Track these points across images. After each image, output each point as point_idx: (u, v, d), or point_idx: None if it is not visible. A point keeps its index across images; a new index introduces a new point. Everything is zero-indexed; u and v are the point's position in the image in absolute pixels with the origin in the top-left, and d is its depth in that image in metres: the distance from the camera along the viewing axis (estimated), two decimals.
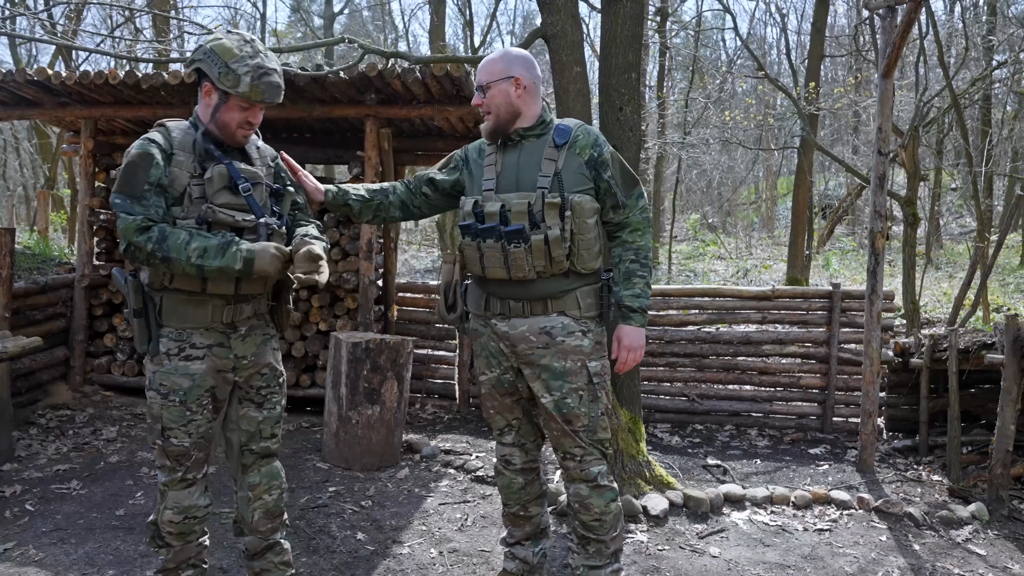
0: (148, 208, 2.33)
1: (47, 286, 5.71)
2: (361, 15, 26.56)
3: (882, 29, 4.43)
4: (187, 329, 2.48)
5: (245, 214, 2.48)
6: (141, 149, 2.37)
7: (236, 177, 2.46)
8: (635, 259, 2.67)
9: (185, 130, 2.47)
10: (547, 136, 2.65)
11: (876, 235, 4.54)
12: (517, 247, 2.52)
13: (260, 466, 2.69)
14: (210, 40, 2.42)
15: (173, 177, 2.39)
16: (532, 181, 2.58)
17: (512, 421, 2.86)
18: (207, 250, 2.32)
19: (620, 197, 2.63)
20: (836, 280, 5.92)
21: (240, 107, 2.43)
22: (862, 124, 18.23)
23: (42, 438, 4.91)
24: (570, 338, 2.62)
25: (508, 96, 2.60)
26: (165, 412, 2.49)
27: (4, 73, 5.36)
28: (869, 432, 4.66)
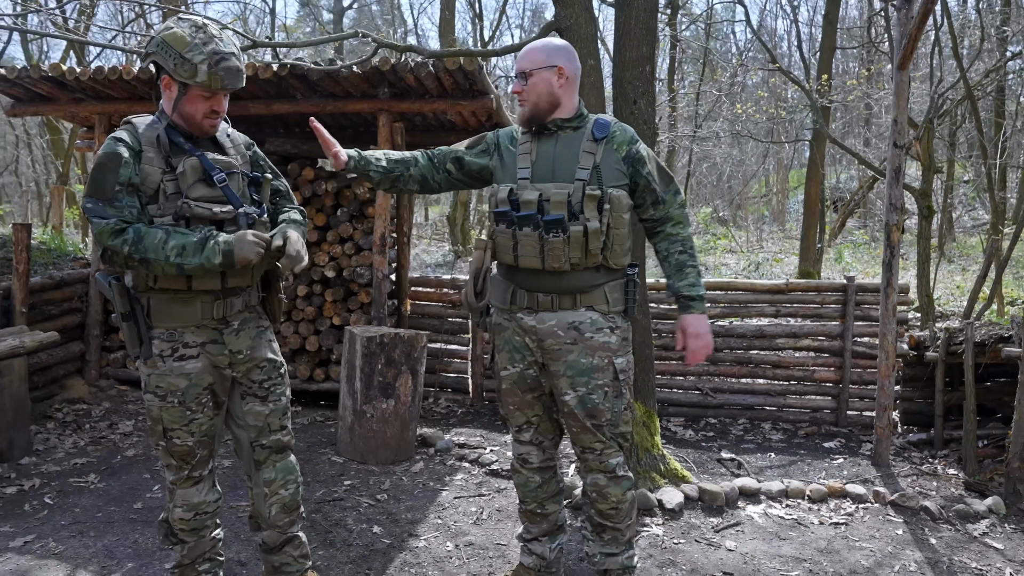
0: (121, 210, 2.28)
1: (63, 281, 5.75)
2: (370, 9, 26.58)
3: (898, 20, 4.39)
4: (178, 329, 2.44)
5: (222, 205, 2.42)
6: (108, 149, 2.30)
7: (210, 168, 2.40)
8: (683, 250, 2.68)
9: (151, 125, 2.39)
10: (584, 129, 2.64)
11: (891, 228, 4.51)
12: (556, 237, 2.51)
13: (275, 461, 2.66)
14: (161, 31, 2.33)
15: (145, 175, 2.33)
16: (570, 173, 2.57)
17: (532, 418, 2.83)
18: (185, 248, 2.26)
19: (660, 192, 2.64)
20: (848, 273, 5.89)
21: (202, 97, 2.35)
22: (874, 117, 18.12)
23: (59, 432, 4.94)
24: (598, 334, 2.62)
25: (550, 85, 2.59)
26: (165, 414, 2.46)
27: (19, 69, 5.39)
28: (884, 426, 4.64)
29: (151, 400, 2.48)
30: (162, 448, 2.53)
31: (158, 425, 2.49)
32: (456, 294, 6.02)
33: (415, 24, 25.40)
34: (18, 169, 23.15)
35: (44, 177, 21.58)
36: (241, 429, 2.64)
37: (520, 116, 2.68)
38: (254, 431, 2.62)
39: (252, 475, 2.69)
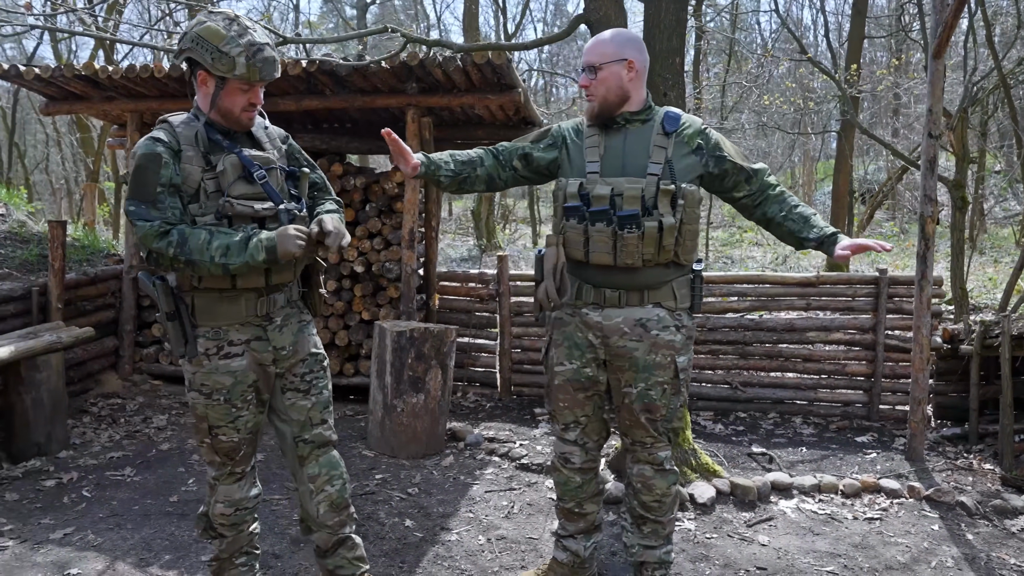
0: (164, 211, 2.26)
1: (97, 277, 5.83)
2: (393, 4, 26.61)
3: (933, 8, 4.32)
4: (223, 327, 2.43)
5: (263, 202, 2.40)
6: (147, 150, 2.27)
7: (249, 165, 2.37)
8: (796, 204, 2.62)
9: (187, 123, 2.37)
10: (653, 122, 2.60)
11: (926, 219, 4.45)
12: (631, 232, 2.48)
13: (317, 456, 2.63)
14: (194, 25, 2.30)
15: (185, 174, 2.31)
16: (641, 167, 2.53)
17: (580, 418, 2.78)
18: (229, 248, 2.25)
19: (747, 168, 2.62)
20: (879, 265, 5.82)
21: (240, 90, 2.32)
22: (902, 106, 17.85)
23: (95, 426, 5.02)
24: (664, 332, 2.59)
25: (619, 79, 2.55)
26: (210, 411, 2.46)
27: (53, 68, 5.46)
28: (919, 420, 4.59)
29: (196, 398, 2.47)
30: (207, 445, 2.52)
31: (203, 423, 2.49)
32: (483, 289, 6.03)
33: (438, 19, 25.41)
34: (48, 167, 23.51)
35: (74, 175, 21.89)
36: (284, 423, 2.62)
37: (588, 111, 2.64)
38: (296, 426, 2.60)
39: (297, 474, 2.66)
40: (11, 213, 6.77)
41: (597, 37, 2.63)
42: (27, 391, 4.36)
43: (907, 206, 18.01)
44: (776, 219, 2.64)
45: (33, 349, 4.35)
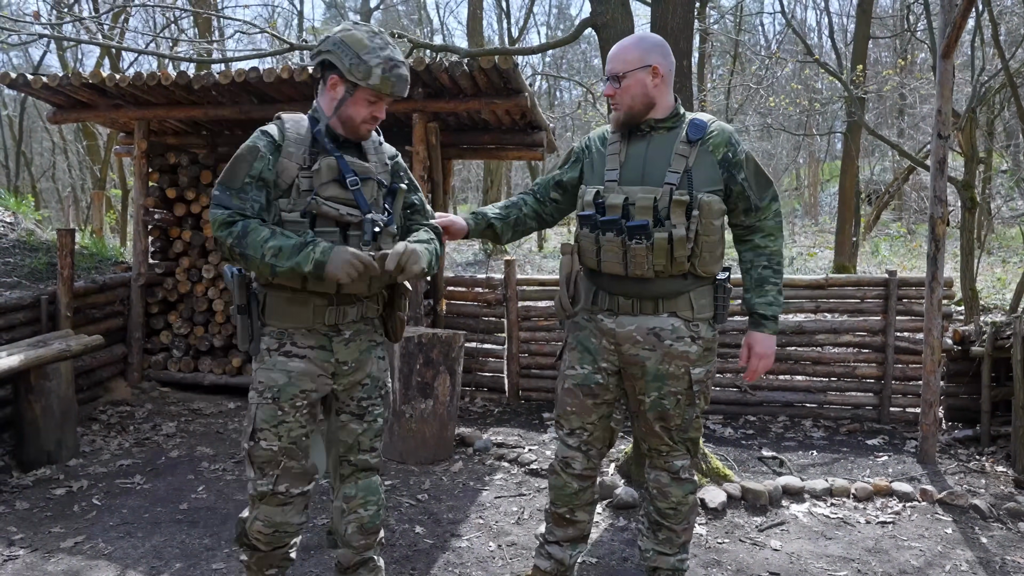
0: (245, 201, 2.25)
1: (105, 285, 5.84)
2: (396, 10, 26.66)
3: (941, 7, 4.30)
4: (289, 328, 2.38)
5: (351, 208, 2.34)
6: (251, 142, 2.31)
7: (345, 170, 2.34)
8: (768, 265, 2.58)
9: (300, 122, 2.38)
10: (678, 129, 2.52)
11: (936, 221, 4.43)
12: (639, 243, 2.43)
13: (358, 479, 2.55)
14: (339, 31, 2.31)
15: (282, 168, 2.30)
16: (659, 176, 2.46)
17: (586, 424, 2.72)
18: (282, 249, 2.19)
19: (754, 200, 2.53)
20: (887, 267, 5.80)
21: (368, 100, 2.31)
22: (908, 107, 17.80)
23: (104, 434, 5.02)
24: (678, 343, 2.53)
25: (644, 86, 2.48)
26: (259, 411, 2.38)
27: (60, 77, 5.48)
28: (930, 422, 4.56)
29: (252, 397, 2.42)
30: (246, 452, 2.42)
31: (251, 425, 2.41)
32: (491, 294, 6.02)
33: (441, 23, 25.46)
34: (55, 175, 23.60)
35: (80, 183, 21.96)
36: (331, 444, 2.56)
37: (613, 120, 2.58)
38: (343, 447, 2.52)
39: (335, 488, 2.60)
40: (20, 222, 6.79)
41: (620, 44, 2.55)
42: (37, 399, 4.37)
43: (914, 206, 17.95)
44: (743, 264, 2.65)
45: (43, 357, 4.35)
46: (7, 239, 6.34)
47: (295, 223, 2.29)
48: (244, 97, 5.62)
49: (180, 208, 6.20)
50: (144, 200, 6.08)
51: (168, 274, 6.23)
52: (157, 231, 6.29)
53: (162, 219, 6.11)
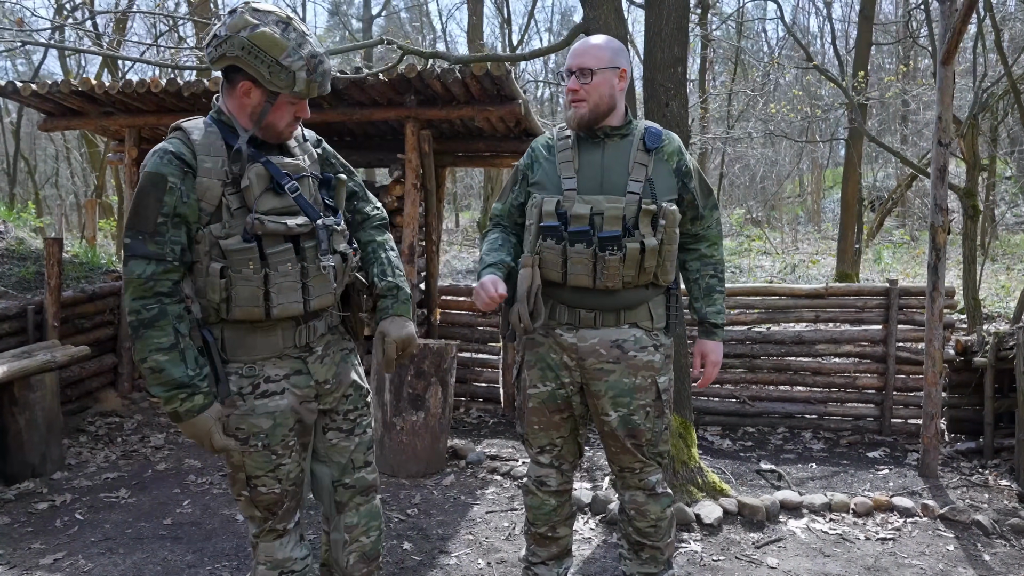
0: (163, 246, 1.94)
1: (95, 294, 5.77)
2: (399, 16, 26.68)
3: (941, 14, 4.23)
4: (257, 361, 2.12)
5: (297, 217, 2.08)
6: (154, 170, 1.95)
7: (278, 176, 2.06)
8: (714, 274, 2.65)
9: (206, 130, 2.03)
10: (632, 137, 2.48)
11: (937, 229, 4.34)
12: (612, 255, 2.37)
13: (359, 504, 2.37)
14: (242, 27, 1.95)
15: (204, 189, 1.98)
16: (620, 184, 2.41)
17: (556, 440, 2.67)
18: (163, 372, 1.96)
19: (701, 208, 2.56)
20: (889, 274, 5.71)
21: (290, 103, 2.05)
22: (910, 113, 17.71)
23: (91, 446, 4.95)
24: (642, 353, 2.49)
25: (612, 87, 2.43)
26: (248, 460, 2.14)
27: (50, 84, 5.43)
28: (932, 435, 4.46)
29: (231, 444, 2.15)
30: (245, 498, 2.22)
31: (240, 473, 2.17)
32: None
33: (443, 30, 25.44)
34: (58, 182, 23.63)
35: (83, 189, 21.98)
36: (322, 465, 2.35)
37: (574, 117, 2.46)
38: (337, 468, 2.33)
39: (331, 518, 2.39)
40: (10, 231, 6.73)
41: (588, 41, 2.49)
42: (21, 411, 4.30)
43: (917, 213, 17.85)
44: (690, 274, 2.69)
45: (26, 369, 4.28)
46: None
47: (240, 251, 2.00)
48: None
49: None
50: None
51: None
52: None
53: None
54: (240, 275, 2.01)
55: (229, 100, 2.08)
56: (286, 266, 2.06)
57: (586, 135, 2.52)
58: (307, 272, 2.11)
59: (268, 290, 2.05)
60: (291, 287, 2.08)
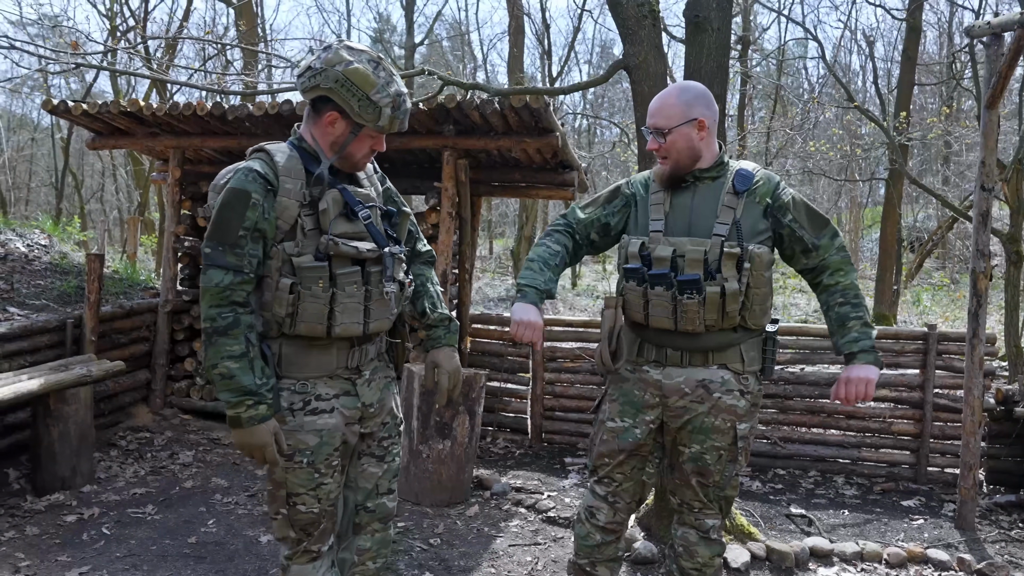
0: (241, 258, 2.04)
1: (132, 310, 5.87)
2: (441, 45, 27.08)
3: (986, 58, 4.18)
4: (310, 379, 2.20)
5: (366, 243, 2.19)
6: (239, 186, 2.05)
7: (352, 202, 2.17)
8: (844, 300, 2.44)
9: (288, 154, 2.15)
10: (724, 179, 2.46)
11: (979, 275, 4.26)
12: (691, 299, 2.35)
13: (375, 531, 2.43)
14: (337, 62, 2.07)
15: (282, 208, 2.09)
16: (707, 227, 2.39)
17: (616, 475, 2.63)
18: (233, 378, 2.04)
19: (809, 239, 2.44)
20: (927, 318, 5.60)
21: (371, 136, 2.17)
22: (953, 154, 17.49)
23: (121, 460, 5.00)
24: (727, 396, 2.45)
25: (690, 140, 2.41)
26: (290, 476, 2.19)
27: (100, 105, 5.58)
28: (969, 486, 4.34)
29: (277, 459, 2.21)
30: (282, 517, 2.24)
31: (280, 490, 2.21)
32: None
33: (484, 59, 25.79)
34: (103, 197, 24.22)
35: (127, 205, 22.49)
36: (349, 490, 2.40)
37: (659, 174, 2.50)
38: (362, 493, 2.39)
39: (344, 537, 2.44)
40: (54, 244, 6.89)
41: (663, 97, 2.47)
42: (55, 424, 4.36)
43: (958, 255, 17.54)
44: (823, 307, 2.51)
45: (63, 382, 4.36)
46: (40, 261, 6.43)
47: (312, 268, 2.10)
48: (276, 128, 5.66)
49: None
50: (175, 228, 6.13)
51: (195, 301, 6.25)
52: (187, 258, 6.33)
53: (192, 247, 6.15)
54: (309, 292, 2.10)
55: (313, 128, 2.19)
56: (352, 287, 2.16)
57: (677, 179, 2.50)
58: (370, 296, 2.20)
59: (333, 309, 2.13)
60: (354, 308, 2.17)
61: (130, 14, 16.30)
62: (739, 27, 14.73)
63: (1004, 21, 4.06)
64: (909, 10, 12.08)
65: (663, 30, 10.89)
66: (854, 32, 20.55)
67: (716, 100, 3.92)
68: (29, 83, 21.40)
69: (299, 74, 2.15)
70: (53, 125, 20.64)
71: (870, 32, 21.40)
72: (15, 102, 25.21)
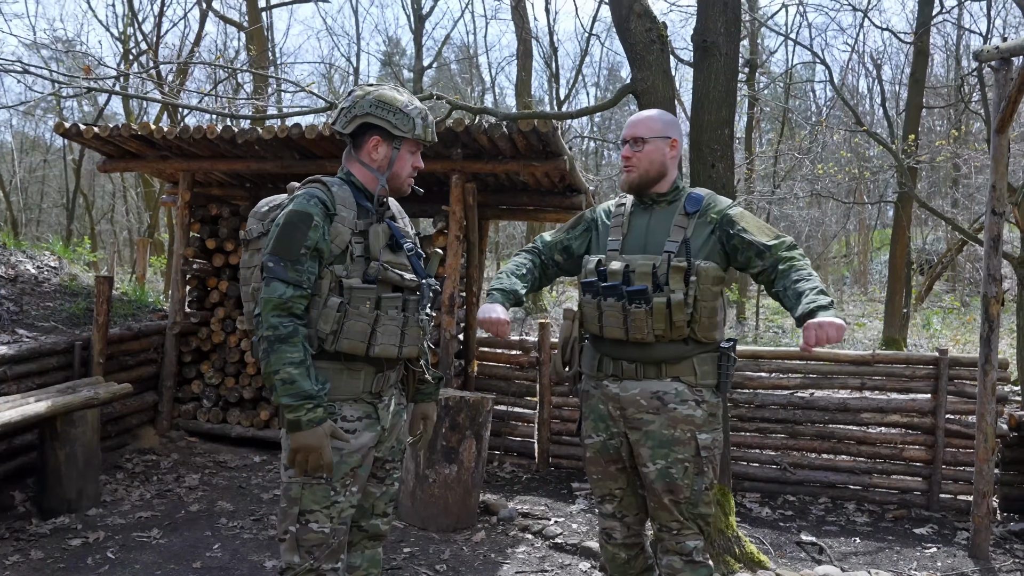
0: (301, 274, 2.19)
1: (140, 332, 5.88)
2: (449, 68, 27.27)
3: (996, 82, 4.17)
4: (337, 401, 2.30)
5: (407, 273, 2.39)
6: (302, 208, 2.22)
7: (398, 235, 2.39)
8: (799, 278, 2.34)
9: (342, 186, 2.34)
10: (678, 203, 2.62)
11: (990, 300, 4.22)
12: (638, 308, 2.48)
13: (366, 548, 2.50)
14: (366, 93, 2.34)
15: (336, 234, 2.26)
16: (659, 245, 2.55)
17: (615, 491, 2.71)
18: (295, 383, 2.14)
19: (759, 242, 2.45)
20: (938, 341, 5.55)
21: (410, 152, 2.40)
22: (962, 177, 17.44)
23: (127, 483, 4.98)
24: (682, 406, 2.52)
25: (663, 155, 2.60)
26: (307, 493, 2.26)
27: (111, 128, 5.63)
28: (983, 514, 4.28)
29: (293, 476, 2.27)
30: (290, 536, 2.28)
31: (294, 507, 2.27)
32: (524, 356, 5.91)
33: (492, 82, 25.95)
34: (114, 218, 24.37)
35: (137, 226, 22.62)
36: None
37: (625, 182, 2.66)
38: (359, 512, 2.46)
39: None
40: (63, 266, 6.92)
41: (644, 114, 2.68)
42: (61, 446, 4.35)
43: (968, 278, 17.45)
44: (780, 294, 2.42)
45: (70, 404, 4.35)
46: (50, 283, 6.45)
47: (361, 289, 2.27)
48: (286, 152, 5.69)
49: (219, 259, 6.26)
50: (184, 250, 6.15)
51: (203, 324, 6.26)
52: (195, 280, 6.35)
53: (200, 269, 6.16)
54: (356, 311, 2.26)
55: (360, 156, 2.39)
56: (393, 311, 2.33)
57: (637, 201, 2.68)
58: (407, 321, 2.36)
59: (375, 329, 2.29)
60: (392, 331, 2.32)
61: (143, 38, 16.51)
62: (746, 50, 14.80)
63: (1013, 46, 4.06)
64: (916, 34, 12.10)
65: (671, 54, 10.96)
66: (861, 55, 20.57)
67: (724, 124, 3.95)
68: (42, 106, 21.64)
69: (334, 120, 2.40)
70: (65, 147, 20.83)
71: (877, 55, 21.43)
72: (28, 124, 25.50)
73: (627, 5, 4.09)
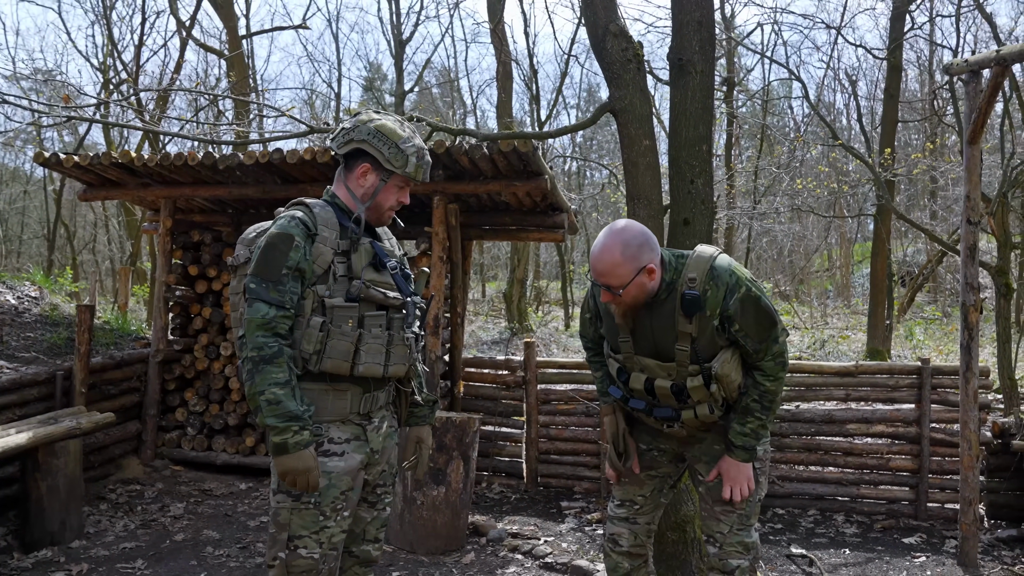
0: (283, 294, 2.19)
1: (123, 361, 5.82)
2: (431, 92, 27.38)
3: (966, 94, 4.25)
4: (324, 423, 2.28)
5: (391, 291, 2.38)
6: (282, 230, 2.23)
7: (382, 254, 2.38)
8: (758, 400, 2.53)
9: (325, 208, 2.35)
10: (672, 298, 2.48)
11: (969, 309, 4.27)
12: (671, 427, 2.61)
13: (356, 574, 2.48)
14: (369, 120, 2.35)
15: (318, 254, 2.27)
16: (669, 350, 2.51)
17: (636, 497, 2.76)
18: (280, 403, 2.12)
19: (752, 346, 2.49)
20: (921, 351, 5.60)
21: (397, 187, 2.39)
22: (939, 189, 17.64)
23: (111, 514, 4.92)
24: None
25: (644, 287, 2.44)
26: (295, 517, 2.24)
27: (91, 156, 5.61)
28: (970, 522, 4.30)
29: (282, 501, 2.26)
30: (280, 562, 2.25)
31: (283, 532, 2.26)
32: (510, 376, 5.91)
33: (474, 105, 25.97)
34: (95, 248, 24.20)
35: (119, 256, 22.47)
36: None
37: (619, 314, 2.54)
38: (350, 537, 2.44)
39: None
40: (44, 296, 6.86)
41: (608, 256, 2.42)
42: (43, 478, 4.30)
43: (949, 288, 17.61)
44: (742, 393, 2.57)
45: (52, 435, 4.30)
46: (30, 313, 6.40)
47: (343, 308, 2.26)
48: (268, 177, 5.69)
49: (201, 285, 6.23)
50: (166, 277, 6.12)
51: (186, 351, 6.21)
52: (178, 307, 6.31)
53: (183, 296, 6.13)
54: (339, 330, 2.25)
55: (347, 181, 2.40)
56: (377, 330, 2.32)
57: None
58: (392, 340, 2.35)
59: (359, 348, 2.27)
60: (377, 350, 2.31)
61: (123, 67, 16.49)
62: (724, 69, 14.96)
63: (981, 59, 4.14)
64: (889, 49, 12.29)
65: (648, 73, 11.05)
66: (836, 72, 20.85)
67: (702, 140, 3.99)
68: (22, 136, 21.54)
69: (333, 137, 2.41)
70: (46, 177, 20.68)
71: (852, 71, 21.72)
72: (8, 155, 25.35)
73: (603, 26, 4.13)
